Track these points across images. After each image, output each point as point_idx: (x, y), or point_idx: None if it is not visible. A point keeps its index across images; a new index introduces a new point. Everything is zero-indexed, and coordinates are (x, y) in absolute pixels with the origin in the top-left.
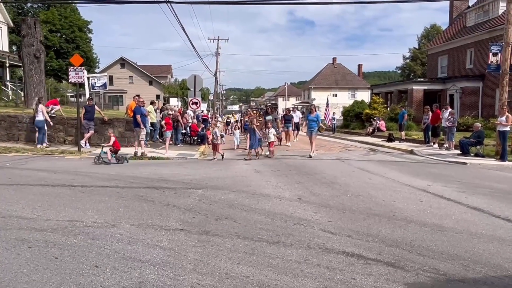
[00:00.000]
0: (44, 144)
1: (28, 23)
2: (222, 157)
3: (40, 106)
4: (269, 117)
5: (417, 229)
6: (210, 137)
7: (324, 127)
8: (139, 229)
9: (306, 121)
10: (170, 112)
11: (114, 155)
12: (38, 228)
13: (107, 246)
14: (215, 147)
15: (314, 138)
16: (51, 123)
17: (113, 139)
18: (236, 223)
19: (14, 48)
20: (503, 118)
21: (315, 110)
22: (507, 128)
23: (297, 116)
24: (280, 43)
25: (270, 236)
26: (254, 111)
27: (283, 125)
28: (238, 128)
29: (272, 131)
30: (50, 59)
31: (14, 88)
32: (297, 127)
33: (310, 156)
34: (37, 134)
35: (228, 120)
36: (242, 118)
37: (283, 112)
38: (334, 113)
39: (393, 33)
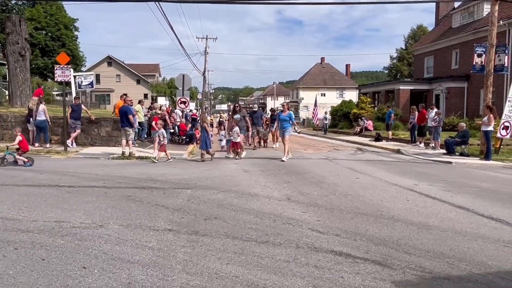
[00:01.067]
0: (36, 144)
1: (13, 20)
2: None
3: (42, 106)
4: (236, 116)
5: (404, 227)
6: (198, 135)
7: (304, 127)
8: (127, 230)
9: (277, 120)
10: (159, 112)
11: (14, 155)
12: (24, 229)
13: (95, 247)
14: (162, 148)
15: (287, 140)
16: (50, 123)
17: (19, 138)
18: (225, 223)
19: None
20: (486, 118)
21: (288, 109)
22: (490, 128)
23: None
24: (269, 43)
25: (259, 235)
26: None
27: (267, 125)
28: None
29: (236, 130)
30: (36, 57)
31: None
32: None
33: (283, 161)
34: (34, 133)
35: (221, 119)
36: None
37: (271, 111)
38: (326, 113)
39: (380, 33)
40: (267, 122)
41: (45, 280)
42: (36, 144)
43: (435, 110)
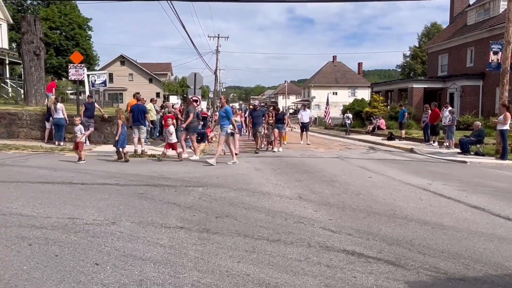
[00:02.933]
0: (56, 142)
1: (28, 20)
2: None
3: (59, 104)
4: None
5: (418, 227)
6: (211, 134)
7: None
8: (139, 227)
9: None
10: (171, 110)
11: None
12: (38, 225)
13: (107, 244)
14: (76, 147)
15: (222, 140)
16: (68, 121)
17: None
18: (236, 221)
19: (14, 45)
20: (501, 117)
21: (226, 103)
22: (506, 127)
23: (307, 115)
24: (280, 41)
25: (270, 234)
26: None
27: (271, 125)
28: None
29: (169, 130)
30: (50, 57)
31: (13, 85)
32: (305, 127)
33: (227, 164)
34: (53, 131)
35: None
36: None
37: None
38: (347, 111)
39: (392, 31)
40: (270, 122)
41: (58, 275)
42: (56, 142)
43: (449, 108)
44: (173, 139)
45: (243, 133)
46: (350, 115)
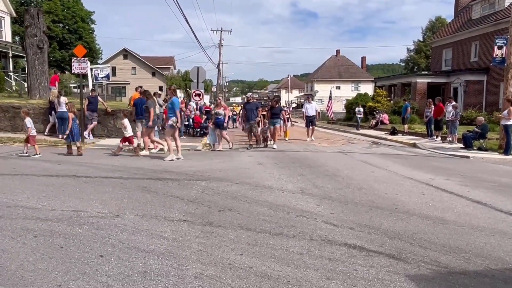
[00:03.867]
0: (60, 136)
1: (31, 13)
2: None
3: (62, 98)
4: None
5: (419, 222)
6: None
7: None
8: (143, 220)
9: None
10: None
11: None
12: (43, 218)
13: (111, 236)
14: (27, 140)
15: (168, 134)
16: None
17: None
18: (239, 214)
19: (17, 38)
20: (505, 112)
21: (173, 93)
22: (510, 122)
23: (312, 108)
24: (283, 35)
25: (272, 227)
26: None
27: (267, 120)
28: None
29: (124, 122)
30: (53, 50)
31: (17, 79)
32: (311, 121)
33: (165, 161)
34: (57, 125)
35: (234, 112)
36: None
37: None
38: (359, 105)
39: (396, 25)
40: (264, 115)
41: (63, 267)
42: (60, 136)
43: (453, 103)
44: (129, 132)
45: (234, 127)
46: (361, 109)
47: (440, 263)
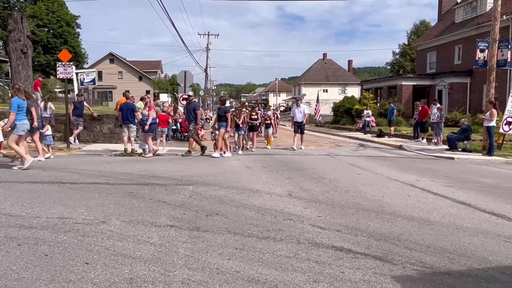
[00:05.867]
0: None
1: (15, 17)
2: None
3: (50, 103)
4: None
5: (405, 223)
6: (201, 132)
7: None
8: (129, 226)
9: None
10: (165, 109)
11: None
12: (28, 225)
13: (97, 243)
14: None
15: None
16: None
17: None
18: (226, 219)
19: (0, 43)
20: (488, 113)
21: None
22: (493, 124)
23: (301, 112)
24: (270, 39)
25: (260, 231)
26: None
27: (248, 125)
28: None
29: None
30: (38, 55)
31: (1, 84)
32: (300, 128)
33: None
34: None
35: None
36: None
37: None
38: (367, 107)
39: (382, 29)
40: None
41: (48, 275)
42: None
43: (437, 105)
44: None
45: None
46: (370, 112)
47: (425, 264)
